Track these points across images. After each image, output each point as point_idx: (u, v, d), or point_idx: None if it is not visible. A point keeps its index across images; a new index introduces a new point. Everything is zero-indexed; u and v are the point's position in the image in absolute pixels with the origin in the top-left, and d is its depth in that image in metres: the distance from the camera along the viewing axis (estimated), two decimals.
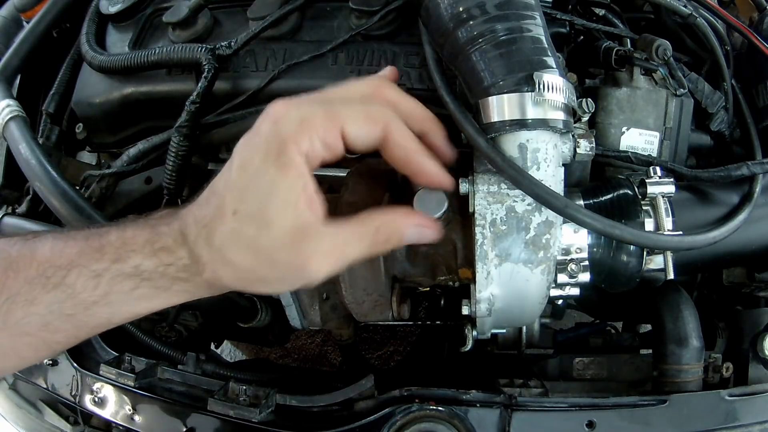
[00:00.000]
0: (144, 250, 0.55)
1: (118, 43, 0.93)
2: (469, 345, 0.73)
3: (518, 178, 0.58)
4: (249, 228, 0.51)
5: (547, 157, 0.60)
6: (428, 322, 0.98)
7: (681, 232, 0.67)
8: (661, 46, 0.81)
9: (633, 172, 0.79)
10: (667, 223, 0.68)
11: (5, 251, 0.57)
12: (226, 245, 0.52)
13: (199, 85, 0.79)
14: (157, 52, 0.83)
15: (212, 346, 1.31)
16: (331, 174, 0.84)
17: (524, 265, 0.63)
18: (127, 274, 0.55)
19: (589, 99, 0.66)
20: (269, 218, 0.51)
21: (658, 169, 0.72)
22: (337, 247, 0.54)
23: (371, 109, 0.55)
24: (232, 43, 0.81)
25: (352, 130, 0.53)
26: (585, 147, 0.65)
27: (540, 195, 0.59)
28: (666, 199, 0.69)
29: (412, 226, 0.60)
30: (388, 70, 0.64)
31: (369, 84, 0.59)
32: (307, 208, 0.52)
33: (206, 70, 0.79)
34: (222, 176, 0.54)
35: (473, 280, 0.65)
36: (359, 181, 0.72)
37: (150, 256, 0.55)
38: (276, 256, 0.52)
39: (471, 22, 0.61)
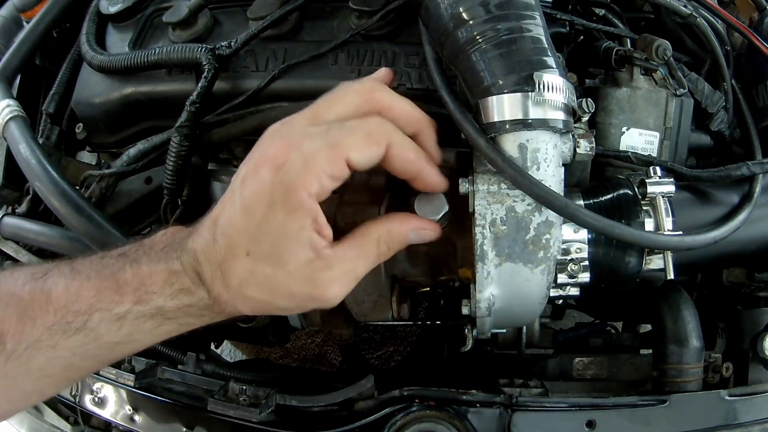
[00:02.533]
0: (164, 292, 0.55)
1: (118, 43, 0.93)
2: (469, 345, 0.73)
3: (518, 178, 0.58)
4: (264, 268, 0.53)
5: (547, 157, 0.60)
6: (428, 322, 0.98)
7: (681, 232, 0.67)
8: (661, 46, 0.81)
9: (633, 172, 0.78)
10: (667, 223, 0.68)
11: (16, 295, 0.56)
12: (243, 285, 0.54)
13: (199, 85, 0.79)
14: (157, 52, 0.83)
15: (212, 346, 1.31)
16: None
17: (524, 265, 0.63)
18: (150, 314, 0.55)
19: (589, 99, 0.66)
20: (284, 258, 0.52)
21: (658, 169, 0.72)
22: (347, 269, 0.56)
23: (371, 129, 0.55)
24: (232, 43, 0.81)
25: (357, 156, 0.54)
26: (585, 147, 0.65)
27: (540, 195, 0.59)
28: (666, 199, 0.69)
29: (411, 230, 0.61)
30: (383, 72, 0.64)
31: (361, 92, 0.57)
32: (318, 240, 0.53)
33: (206, 70, 0.79)
34: (225, 212, 0.54)
35: (473, 280, 0.65)
36: (359, 181, 0.72)
37: (171, 297, 0.55)
38: (293, 289, 0.54)
39: (471, 22, 0.61)
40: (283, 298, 0.55)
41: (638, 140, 0.82)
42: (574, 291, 0.69)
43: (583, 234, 0.68)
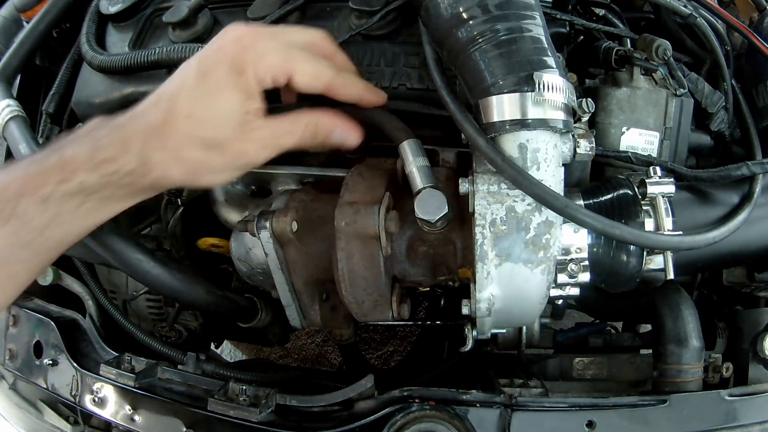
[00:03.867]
0: (86, 166, 0.60)
1: (118, 43, 0.93)
2: (469, 345, 0.73)
3: (518, 178, 0.59)
4: (202, 129, 0.60)
5: (547, 157, 0.61)
6: (428, 322, 0.98)
7: (681, 232, 0.67)
8: (661, 46, 0.81)
9: (633, 172, 0.79)
10: (667, 223, 0.68)
11: None
12: (180, 145, 0.60)
13: None
14: (157, 51, 0.83)
15: (212, 346, 1.31)
16: (331, 174, 0.84)
17: (524, 265, 0.63)
18: (72, 192, 0.60)
19: (589, 99, 0.66)
20: (221, 120, 0.61)
21: (658, 169, 0.72)
22: (274, 135, 0.65)
23: (320, 68, 0.65)
24: None
25: (299, 80, 0.64)
26: (585, 147, 0.65)
27: (540, 195, 0.59)
28: (666, 199, 0.69)
29: (336, 127, 0.68)
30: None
31: (316, 35, 0.69)
32: (253, 111, 0.62)
33: None
34: (173, 82, 0.62)
35: (473, 280, 0.65)
36: (359, 180, 0.72)
37: (92, 170, 0.59)
38: (225, 147, 0.62)
39: (471, 22, 0.61)
40: (215, 156, 0.62)
41: (638, 140, 0.82)
42: (574, 291, 0.69)
43: (583, 234, 0.68)
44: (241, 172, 0.67)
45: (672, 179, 0.70)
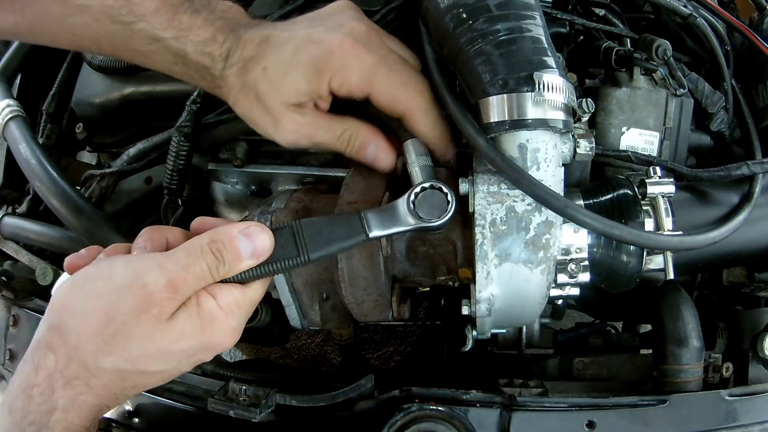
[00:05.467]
0: (197, 47, 0.65)
1: None
2: (469, 345, 0.73)
3: (518, 178, 0.59)
4: (264, 85, 0.65)
5: (547, 157, 0.60)
6: (428, 322, 0.98)
7: (681, 232, 0.67)
8: (661, 46, 0.81)
9: (633, 172, 0.78)
10: (667, 223, 0.68)
11: None
12: (248, 84, 0.66)
13: None
14: None
15: None
16: (331, 174, 0.84)
17: (524, 265, 0.63)
18: (175, 52, 0.65)
19: (589, 99, 0.66)
20: (288, 87, 0.65)
21: (658, 169, 0.72)
22: (312, 126, 0.68)
23: (399, 95, 0.67)
24: None
25: (376, 100, 0.67)
26: (585, 147, 0.65)
27: (540, 195, 0.59)
28: (666, 199, 0.69)
29: (374, 141, 0.70)
30: None
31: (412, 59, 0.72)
32: (310, 101, 0.66)
33: None
34: (281, 33, 0.66)
35: (473, 280, 0.65)
36: (359, 180, 0.72)
37: (199, 53, 0.65)
38: (276, 112, 0.66)
39: (471, 22, 0.61)
40: (264, 113, 0.67)
41: (638, 140, 0.82)
42: (574, 291, 0.69)
43: (583, 234, 0.68)
44: (275, 139, 0.69)
45: (672, 179, 0.70)
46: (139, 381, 0.58)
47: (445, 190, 0.62)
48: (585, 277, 0.67)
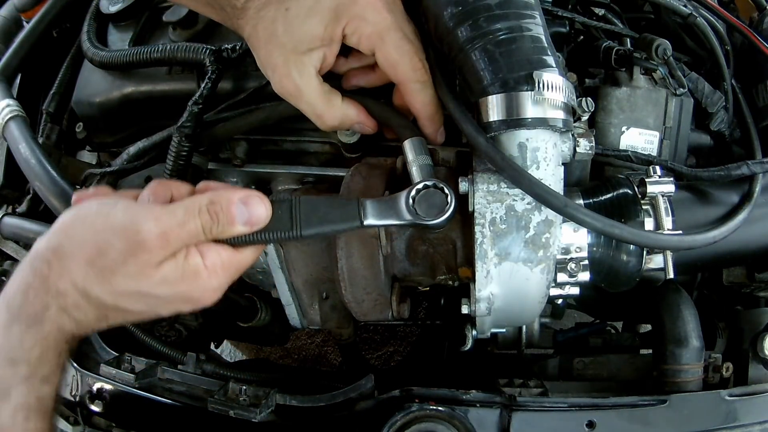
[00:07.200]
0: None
1: (119, 42, 0.93)
2: (469, 344, 0.73)
3: (518, 177, 0.58)
4: (281, 26, 0.66)
5: (546, 156, 0.60)
6: (428, 322, 0.98)
7: (681, 232, 0.67)
8: (661, 46, 0.81)
9: (633, 172, 0.78)
10: (667, 222, 0.68)
11: None
12: (265, 21, 0.66)
13: (203, 86, 0.79)
14: (160, 49, 0.83)
15: (212, 346, 1.31)
16: (331, 174, 0.84)
17: (524, 264, 0.62)
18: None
19: (588, 98, 0.66)
20: (299, 26, 0.66)
21: (657, 168, 0.72)
22: (308, 85, 0.67)
23: (404, 59, 0.67)
24: (237, 47, 0.81)
25: (380, 56, 0.67)
26: (585, 146, 0.65)
27: (539, 194, 0.59)
28: (666, 198, 0.69)
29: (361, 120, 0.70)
30: None
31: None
32: (318, 57, 0.67)
33: (210, 71, 0.79)
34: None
35: (473, 279, 0.65)
36: (359, 180, 0.72)
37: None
38: (280, 61, 0.67)
39: (470, 21, 0.61)
40: (279, 52, 0.68)
41: (638, 139, 0.82)
42: (573, 290, 0.68)
43: (583, 233, 0.68)
44: (272, 82, 0.69)
45: (672, 178, 0.70)
46: (117, 315, 0.61)
47: (446, 190, 0.62)
48: (585, 276, 0.67)
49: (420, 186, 0.62)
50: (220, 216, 0.58)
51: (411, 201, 0.62)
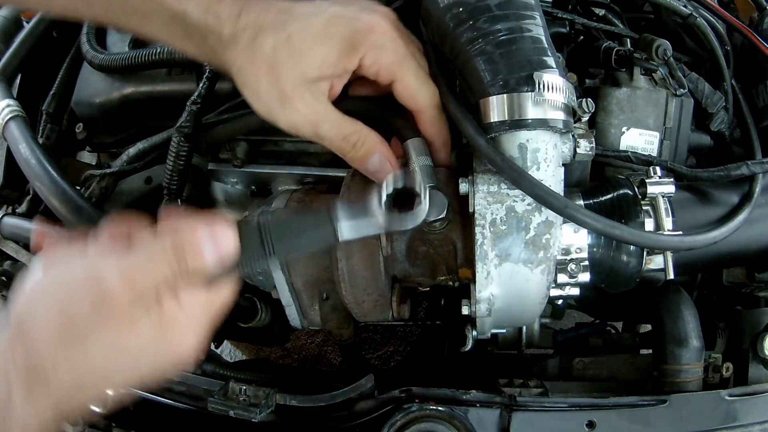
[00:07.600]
0: (201, 2, 0.62)
1: (118, 43, 0.94)
2: (469, 345, 0.73)
3: (518, 178, 0.59)
4: (285, 53, 0.62)
5: (547, 157, 0.60)
6: (428, 322, 0.98)
7: (681, 232, 0.67)
8: (661, 46, 0.81)
9: (633, 172, 0.79)
10: (667, 223, 0.68)
11: None
12: (262, 51, 0.62)
13: (201, 86, 0.79)
14: (158, 51, 0.83)
15: (212, 346, 1.31)
16: (331, 174, 0.84)
17: (524, 265, 0.63)
18: (172, 11, 0.62)
19: (589, 99, 0.66)
20: (307, 53, 0.62)
21: (658, 169, 0.72)
22: (322, 114, 0.65)
23: (422, 91, 0.66)
24: None
25: (399, 88, 0.66)
26: (585, 147, 0.65)
27: (540, 195, 0.59)
28: (666, 199, 0.69)
29: (380, 153, 0.67)
30: None
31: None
32: (325, 83, 0.64)
33: (208, 70, 0.79)
34: (303, 8, 0.64)
35: (473, 280, 0.65)
36: (358, 180, 0.72)
37: (202, 12, 0.62)
38: (288, 91, 0.63)
39: (471, 22, 0.61)
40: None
41: (638, 140, 0.82)
42: (574, 291, 0.69)
43: (583, 234, 0.68)
44: (276, 119, 0.66)
45: (672, 179, 0.70)
46: (98, 387, 0.55)
47: (417, 190, 0.60)
48: (585, 277, 0.67)
49: (389, 191, 0.58)
50: (187, 255, 0.53)
51: (384, 207, 0.57)
